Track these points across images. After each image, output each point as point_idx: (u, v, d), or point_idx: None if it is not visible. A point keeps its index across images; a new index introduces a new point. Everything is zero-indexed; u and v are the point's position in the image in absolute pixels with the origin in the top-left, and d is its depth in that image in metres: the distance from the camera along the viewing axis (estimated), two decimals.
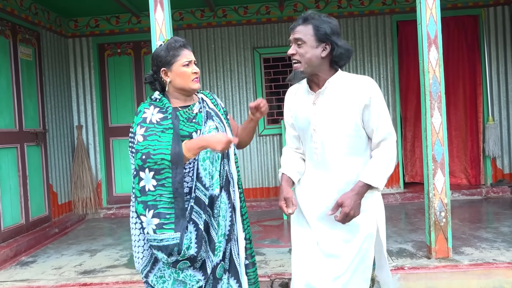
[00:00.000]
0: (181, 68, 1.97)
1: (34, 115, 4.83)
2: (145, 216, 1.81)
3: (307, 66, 1.86)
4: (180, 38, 2.03)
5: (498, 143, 5.53)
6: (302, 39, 1.84)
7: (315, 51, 1.85)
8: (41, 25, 5.06)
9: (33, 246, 4.25)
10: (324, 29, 1.83)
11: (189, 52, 2.00)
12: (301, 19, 1.88)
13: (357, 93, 1.84)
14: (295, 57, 1.88)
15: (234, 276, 2.01)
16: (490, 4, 5.59)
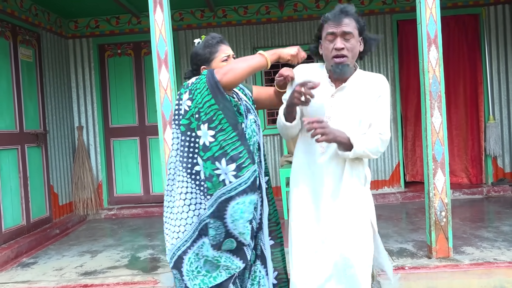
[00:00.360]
0: (221, 63, 1.99)
1: (34, 116, 4.83)
2: (219, 169, 1.78)
3: (352, 60, 1.87)
4: (216, 34, 2.05)
5: (499, 142, 5.53)
6: (352, 33, 1.82)
7: (358, 45, 1.87)
8: (41, 26, 5.07)
9: (34, 247, 4.26)
10: (363, 23, 1.87)
11: (226, 47, 2.02)
12: (343, 12, 1.84)
13: (374, 87, 1.88)
14: (343, 51, 1.82)
15: (262, 263, 2.03)
16: (490, 3, 5.58)
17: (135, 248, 4.07)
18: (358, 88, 1.89)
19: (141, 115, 5.82)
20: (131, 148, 5.82)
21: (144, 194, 5.81)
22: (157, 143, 5.39)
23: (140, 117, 5.82)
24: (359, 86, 1.89)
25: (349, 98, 1.88)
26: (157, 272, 3.32)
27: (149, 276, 3.24)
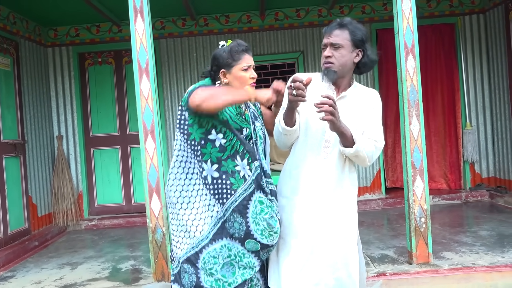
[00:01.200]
0: (240, 72, 2.02)
1: (12, 126, 4.74)
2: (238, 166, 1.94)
3: (341, 68, 1.93)
4: (243, 42, 2.08)
5: (476, 148, 5.65)
6: (339, 43, 1.91)
7: (350, 56, 1.93)
8: (19, 34, 5.00)
9: (12, 261, 4.15)
10: (360, 35, 1.92)
11: (249, 57, 2.05)
12: (337, 24, 1.95)
13: (369, 101, 1.99)
14: (330, 59, 1.92)
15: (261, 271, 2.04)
16: (465, 12, 5.73)
17: (116, 259, 4.01)
18: (356, 99, 1.98)
19: (122, 124, 5.76)
20: (112, 158, 5.76)
21: (125, 204, 5.74)
22: (139, 152, 5.32)
23: (122, 126, 5.76)
24: (357, 98, 1.99)
25: (348, 106, 1.96)
26: (139, 283, 3.28)
27: (130, 287, 3.19)
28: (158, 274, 3.19)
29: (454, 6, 5.73)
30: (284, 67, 5.73)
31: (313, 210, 1.94)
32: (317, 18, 5.73)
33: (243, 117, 2.03)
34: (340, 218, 1.95)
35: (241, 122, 2.00)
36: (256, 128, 2.04)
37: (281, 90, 2.02)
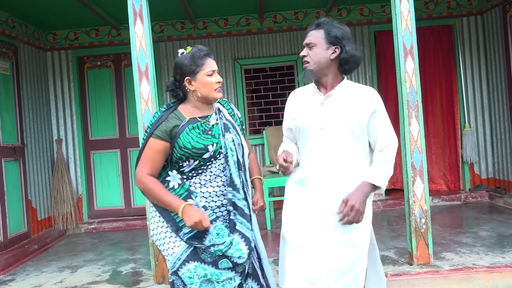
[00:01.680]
0: (206, 77, 1.99)
1: (12, 129, 4.74)
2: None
3: (316, 66, 1.97)
4: (203, 47, 2.06)
5: (475, 149, 5.67)
6: (313, 42, 1.98)
7: (325, 53, 1.97)
8: (18, 38, 5.00)
9: (11, 264, 4.14)
10: (335, 33, 1.95)
11: (212, 61, 2.04)
12: (314, 25, 2.01)
13: (365, 100, 1.97)
14: (306, 58, 2.00)
15: (255, 279, 2.04)
16: (463, 14, 5.76)
17: (116, 262, 4.00)
18: (347, 96, 1.98)
19: (122, 127, 5.77)
20: (111, 161, 5.76)
21: (125, 207, 5.74)
22: None
23: (121, 129, 5.77)
24: (347, 94, 1.99)
25: (338, 104, 1.97)
26: (139, 286, 3.27)
27: None
28: (158, 276, 3.19)
29: (452, 7, 5.76)
30: (283, 69, 5.75)
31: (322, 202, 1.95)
32: (315, 20, 5.73)
33: (209, 133, 1.99)
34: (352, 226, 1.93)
35: (204, 141, 1.96)
36: (226, 141, 2.00)
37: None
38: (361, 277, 1.93)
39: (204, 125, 2.00)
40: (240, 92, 5.74)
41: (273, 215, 5.28)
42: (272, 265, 3.49)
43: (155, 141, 1.95)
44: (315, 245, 1.93)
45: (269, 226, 4.85)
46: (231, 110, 2.15)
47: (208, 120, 2.03)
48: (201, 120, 2.00)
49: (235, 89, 5.74)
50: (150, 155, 1.96)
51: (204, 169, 1.97)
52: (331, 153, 1.94)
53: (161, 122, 1.97)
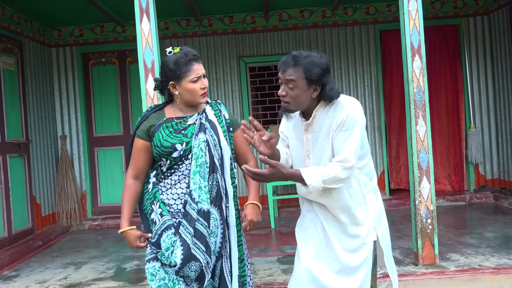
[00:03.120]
0: (190, 84, 1.95)
1: (16, 125, 4.74)
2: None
3: (297, 106, 1.87)
4: (191, 51, 1.98)
5: (480, 149, 5.64)
6: (293, 81, 1.80)
7: (306, 93, 1.83)
8: (23, 34, 5.00)
9: (16, 260, 4.15)
10: (315, 73, 1.79)
11: (198, 66, 1.96)
12: (292, 61, 1.82)
13: (335, 118, 1.85)
14: (285, 98, 1.85)
15: None
16: (470, 14, 5.73)
17: (120, 259, 4.01)
18: (323, 118, 1.89)
19: (126, 124, 5.76)
20: (115, 158, 5.76)
21: None
22: None
23: (125, 126, 5.76)
24: (323, 116, 1.89)
25: (316, 129, 1.90)
26: (143, 283, 3.27)
27: (135, 287, 3.19)
28: None
29: (458, 7, 5.73)
30: None
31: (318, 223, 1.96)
32: (321, 19, 5.73)
33: (182, 132, 1.97)
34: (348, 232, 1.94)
35: (173, 139, 1.95)
36: (198, 141, 1.95)
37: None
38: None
39: (179, 124, 1.99)
40: (244, 90, 5.73)
41: (276, 213, 5.28)
42: (277, 264, 3.49)
43: (136, 140, 2.01)
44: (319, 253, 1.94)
45: (273, 224, 4.84)
46: (218, 111, 2.07)
47: (186, 120, 2.00)
48: (176, 120, 2.00)
49: (240, 87, 5.73)
50: (134, 154, 2.02)
51: (176, 168, 1.96)
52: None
53: (142, 121, 2.02)
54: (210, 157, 1.96)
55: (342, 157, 1.82)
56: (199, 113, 2.03)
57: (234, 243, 1.99)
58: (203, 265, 1.90)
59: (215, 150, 1.97)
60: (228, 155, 2.01)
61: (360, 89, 5.72)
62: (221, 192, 1.98)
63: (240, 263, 2.02)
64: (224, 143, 2.00)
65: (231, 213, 2.00)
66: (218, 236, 1.96)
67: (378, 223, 2.01)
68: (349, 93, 5.70)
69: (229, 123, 2.06)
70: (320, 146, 1.90)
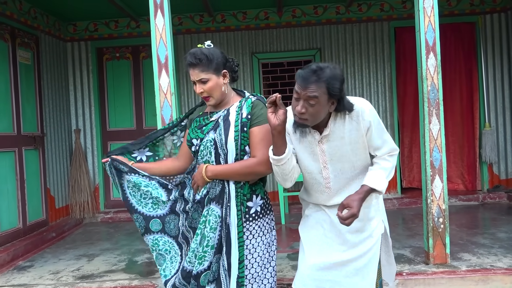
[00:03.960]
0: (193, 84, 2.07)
1: (32, 119, 4.82)
2: None
3: (314, 122, 1.80)
4: (191, 56, 1.97)
5: (494, 149, 5.57)
6: (316, 98, 1.72)
7: (325, 108, 1.77)
8: (40, 29, 5.07)
9: (30, 251, 4.23)
10: (337, 88, 1.72)
11: (192, 71, 1.97)
12: (314, 76, 1.71)
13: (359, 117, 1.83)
14: (304, 116, 1.76)
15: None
16: (486, 11, 5.64)
17: (132, 252, 4.06)
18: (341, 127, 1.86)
19: (139, 118, 5.81)
20: None
21: None
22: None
23: (138, 121, 5.82)
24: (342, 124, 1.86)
25: (335, 138, 1.87)
26: (154, 276, 3.31)
27: (147, 280, 3.23)
28: None
29: (475, 4, 5.64)
30: (301, 64, 5.71)
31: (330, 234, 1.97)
32: (335, 15, 5.70)
33: (202, 128, 2.04)
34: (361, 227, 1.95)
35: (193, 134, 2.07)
36: (207, 139, 2.00)
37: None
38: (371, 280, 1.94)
39: (203, 120, 2.07)
40: (257, 86, 5.73)
41: (287, 210, 5.28)
42: (286, 260, 3.50)
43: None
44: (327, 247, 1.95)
45: (283, 221, 4.85)
46: (239, 108, 2.01)
47: (211, 116, 2.05)
48: (207, 115, 2.07)
49: (252, 83, 5.74)
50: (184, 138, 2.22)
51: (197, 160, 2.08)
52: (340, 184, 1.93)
53: (192, 111, 2.24)
54: (216, 156, 1.99)
55: (388, 148, 1.90)
56: (224, 110, 2.04)
57: (234, 243, 1.98)
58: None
59: (221, 150, 1.98)
60: (233, 156, 1.97)
61: (373, 86, 5.68)
62: (224, 191, 1.99)
63: (239, 264, 1.98)
64: (231, 143, 1.96)
65: (231, 213, 1.98)
66: (217, 233, 1.97)
67: (385, 216, 2.04)
68: (362, 90, 5.67)
69: (245, 122, 1.97)
70: (340, 154, 1.88)
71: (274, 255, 2.08)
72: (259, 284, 2.02)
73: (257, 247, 2.01)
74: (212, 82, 1.97)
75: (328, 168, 1.90)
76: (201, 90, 1.98)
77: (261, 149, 1.95)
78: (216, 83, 1.99)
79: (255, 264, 2.00)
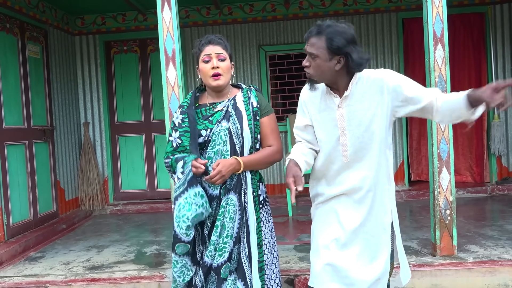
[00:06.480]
0: (202, 64, 2.05)
1: (41, 112, 4.87)
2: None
3: (320, 78, 1.86)
4: (209, 36, 2.09)
5: (503, 141, 5.53)
6: (314, 53, 1.80)
7: (329, 64, 1.80)
8: (48, 23, 5.10)
9: (41, 242, 4.31)
10: (337, 43, 1.75)
11: (213, 47, 2.04)
12: (315, 30, 1.80)
13: (382, 84, 1.85)
14: (308, 69, 1.85)
15: (241, 278, 2.01)
16: (496, 1, 5.57)
17: (141, 243, 4.11)
18: (362, 90, 1.87)
19: (147, 111, 5.85)
20: (136, 145, 5.86)
21: (149, 190, 5.85)
22: (163, 139, 5.42)
23: (146, 114, 5.85)
24: (362, 89, 1.87)
25: (356, 103, 1.87)
26: (163, 267, 3.36)
27: (155, 271, 3.27)
28: None
29: None
30: None
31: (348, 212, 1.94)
32: (342, 7, 5.66)
33: (209, 119, 2.04)
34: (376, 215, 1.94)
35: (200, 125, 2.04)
36: (219, 128, 2.01)
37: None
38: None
39: (208, 111, 2.06)
40: (264, 79, 5.73)
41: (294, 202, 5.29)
42: (294, 252, 3.52)
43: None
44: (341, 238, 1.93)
45: (291, 213, 4.88)
46: (247, 98, 2.08)
47: (215, 106, 2.06)
48: (208, 106, 2.08)
49: (259, 76, 5.74)
50: None
51: (201, 153, 2.06)
52: (358, 154, 1.89)
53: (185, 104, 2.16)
54: (231, 145, 2.01)
55: (433, 91, 1.87)
56: (229, 100, 2.07)
57: (253, 228, 2.03)
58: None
59: (237, 139, 2.02)
60: (249, 145, 2.04)
61: None
62: (241, 179, 2.03)
63: (259, 249, 2.05)
64: (247, 132, 2.03)
65: (249, 200, 2.03)
66: (236, 222, 2.01)
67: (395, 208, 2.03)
68: None
69: (256, 111, 2.06)
70: (358, 120, 1.86)
71: (276, 241, 2.18)
72: (271, 268, 2.10)
73: (266, 233, 2.10)
74: (228, 63, 2.08)
75: (346, 134, 1.88)
76: (218, 66, 2.03)
77: (276, 138, 2.11)
78: (229, 66, 2.10)
79: (266, 250, 2.08)
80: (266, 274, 2.08)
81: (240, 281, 2.00)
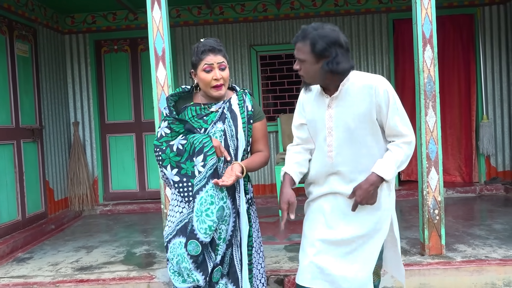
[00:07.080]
0: (202, 73, 2.00)
1: (30, 111, 4.82)
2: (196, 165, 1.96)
3: (311, 80, 1.89)
4: (209, 42, 2.03)
5: (492, 141, 5.58)
6: (301, 58, 1.85)
7: (316, 67, 1.84)
8: (37, 21, 5.05)
9: (29, 243, 4.26)
10: (320, 46, 1.78)
11: (214, 56, 1.99)
12: (301, 35, 1.85)
13: (371, 92, 1.85)
14: (299, 72, 1.91)
15: (233, 281, 2.01)
16: (485, 3, 5.62)
17: (130, 244, 4.08)
18: (354, 92, 1.88)
19: (137, 111, 5.82)
20: (127, 144, 5.83)
21: (139, 190, 5.83)
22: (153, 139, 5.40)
23: (136, 114, 5.82)
24: (354, 90, 1.89)
25: (344, 104, 1.89)
26: (152, 267, 3.34)
27: (145, 271, 3.25)
28: None
29: None
30: None
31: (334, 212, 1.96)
32: (333, 7, 5.68)
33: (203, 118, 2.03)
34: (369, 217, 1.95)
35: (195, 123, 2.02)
36: (215, 129, 2.01)
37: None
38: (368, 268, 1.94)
39: (203, 110, 2.04)
40: (255, 78, 5.73)
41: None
42: (284, 252, 3.53)
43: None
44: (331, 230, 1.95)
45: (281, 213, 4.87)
46: (242, 101, 2.09)
47: (210, 106, 2.05)
48: (203, 106, 2.06)
49: (250, 76, 5.73)
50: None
51: None
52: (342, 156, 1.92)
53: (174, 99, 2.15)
54: (225, 147, 2.01)
55: (402, 135, 1.88)
56: (224, 101, 2.06)
57: (244, 231, 2.02)
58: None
59: (231, 141, 2.02)
60: (243, 147, 2.05)
61: None
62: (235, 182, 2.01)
63: (249, 251, 2.05)
64: (241, 135, 2.03)
65: (242, 203, 2.03)
66: (230, 225, 2.00)
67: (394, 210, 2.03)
68: None
69: (251, 114, 2.07)
70: (345, 122, 1.88)
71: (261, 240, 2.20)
72: (257, 268, 2.11)
73: (254, 233, 2.11)
74: (228, 70, 2.06)
75: (332, 135, 1.91)
76: (221, 77, 2.00)
77: (266, 144, 2.16)
78: (228, 73, 2.07)
79: (253, 250, 2.09)
80: (253, 273, 2.09)
81: (232, 285, 2.01)
